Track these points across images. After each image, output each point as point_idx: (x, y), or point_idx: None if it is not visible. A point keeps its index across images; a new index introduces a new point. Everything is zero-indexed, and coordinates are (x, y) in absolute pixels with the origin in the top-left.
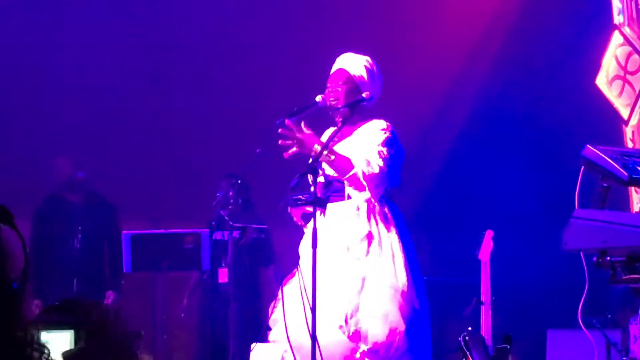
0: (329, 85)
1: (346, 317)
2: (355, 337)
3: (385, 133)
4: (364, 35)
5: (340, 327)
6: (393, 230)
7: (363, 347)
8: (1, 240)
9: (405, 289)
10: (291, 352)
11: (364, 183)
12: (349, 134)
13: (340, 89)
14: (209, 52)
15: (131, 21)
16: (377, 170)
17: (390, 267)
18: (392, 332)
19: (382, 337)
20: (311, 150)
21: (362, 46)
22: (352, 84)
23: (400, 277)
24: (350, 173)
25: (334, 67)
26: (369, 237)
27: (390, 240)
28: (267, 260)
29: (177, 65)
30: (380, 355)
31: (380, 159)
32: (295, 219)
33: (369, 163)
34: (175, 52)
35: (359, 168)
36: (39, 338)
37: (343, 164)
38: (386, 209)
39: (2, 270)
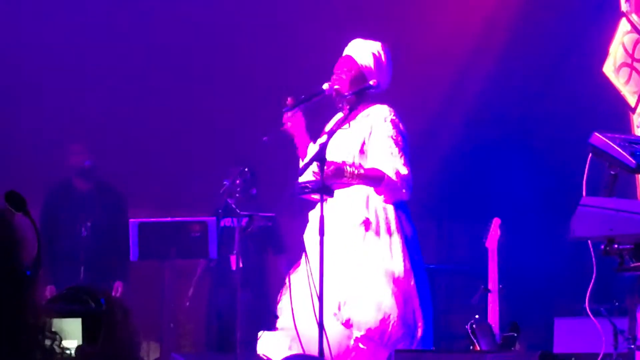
0: (334, 71)
1: (339, 304)
2: (349, 324)
3: (393, 125)
4: (371, 22)
5: (335, 314)
6: (392, 216)
7: (356, 334)
8: (14, 227)
9: (401, 276)
10: (298, 340)
11: (398, 187)
12: (353, 118)
13: (344, 76)
14: (215, 41)
15: (137, 13)
16: (405, 171)
17: (386, 254)
18: (384, 319)
19: (374, 324)
20: (343, 173)
21: (369, 33)
22: (358, 71)
23: (396, 264)
24: (384, 180)
25: (344, 54)
26: (366, 223)
27: (387, 227)
28: (277, 249)
29: (184, 53)
30: (374, 341)
31: (403, 158)
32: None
33: (395, 168)
34: (182, 41)
35: (390, 173)
36: (51, 325)
37: (374, 174)
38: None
39: (15, 257)
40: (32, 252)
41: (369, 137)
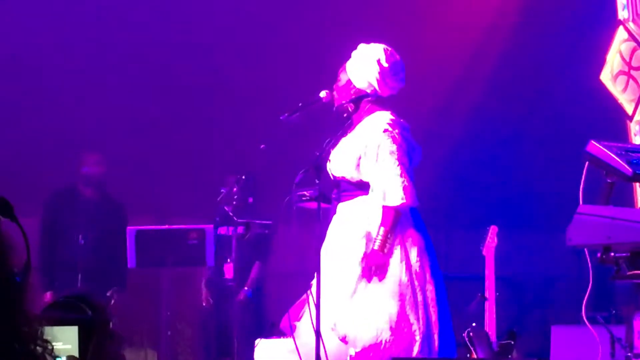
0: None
1: (336, 320)
2: (345, 340)
3: (388, 135)
4: (370, 27)
5: (333, 329)
6: (397, 230)
7: (351, 351)
8: (2, 233)
9: (398, 292)
10: (296, 350)
11: (408, 205)
12: (353, 127)
13: (342, 85)
14: (213, 50)
15: (138, 21)
16: (402, 193)
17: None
18: (377, 337)
19: (368, 342)
20: (383, 250)
21: (369, 38)
22: (352, 83)
23: (394, 280)
24: (399, 211)
25: (347, 62)
26: (368, 236)
27: (393, 239)
28: (263, 259)
29: (181, 62)
30: (372, 357)
31: (400, 168)
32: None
33: (396, 191)
34: (180, 50)
35: (395, 201)
36: (43, 333)
37: (390, 218)
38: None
39: (3, 263)
40: (22, 258)
41: (365, 154)
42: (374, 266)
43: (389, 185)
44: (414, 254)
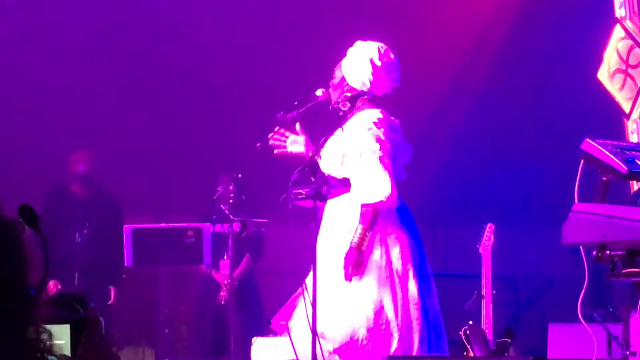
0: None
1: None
2: (323, 336)
3: (372, 134)
4: (367, 25)
5: None
6: (378, 227)
7: (329, 347)
8: (23, 243)
9: (376, 287)
10: (291, 345)
11: (385, 204)
12: (344, 123)
13: (336, 82)
14: (209, 48)
15: (135, 20)
16: (388, 191)
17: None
18: (354, 334)
19: (344, 339)
20: (360, 247)
21: (368, 35)
22: (346, 81)
23: (372, 276)
24: (377, 210)
25: (342, 60)
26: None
27: (370, 237)
28: (256, 255)
29: (178, 60)
30: (349, 353)
31: (381, 165)
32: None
33: (374, 189)
34: (176, 49)
35: (373, 199)
36: (52, 345)
37: (368, 216)
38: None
39: (20, 275)
40: (39, 272)
41: (349, 151)
42: (351, 264)
43: (368, 183)
44: (395, 251)
